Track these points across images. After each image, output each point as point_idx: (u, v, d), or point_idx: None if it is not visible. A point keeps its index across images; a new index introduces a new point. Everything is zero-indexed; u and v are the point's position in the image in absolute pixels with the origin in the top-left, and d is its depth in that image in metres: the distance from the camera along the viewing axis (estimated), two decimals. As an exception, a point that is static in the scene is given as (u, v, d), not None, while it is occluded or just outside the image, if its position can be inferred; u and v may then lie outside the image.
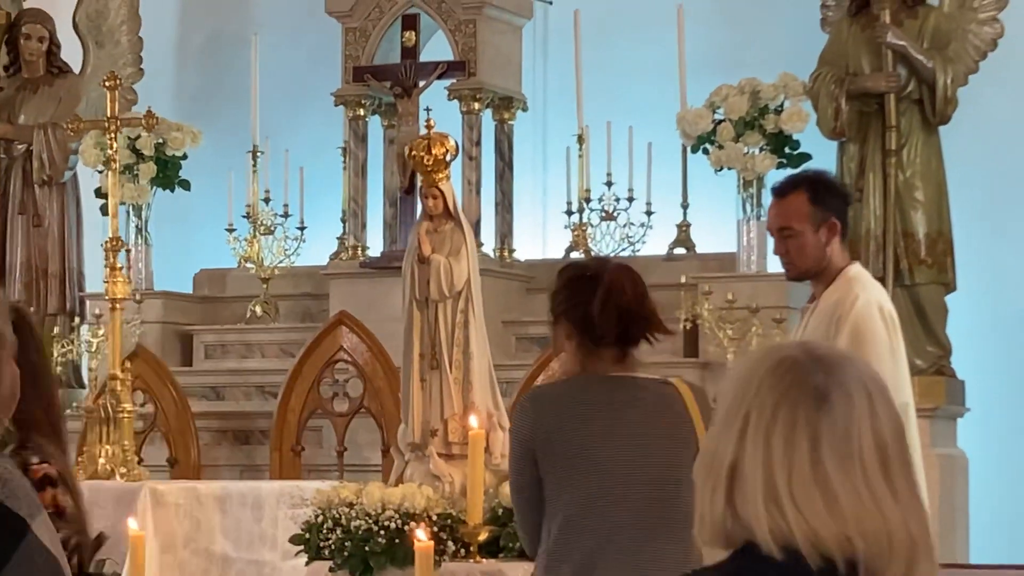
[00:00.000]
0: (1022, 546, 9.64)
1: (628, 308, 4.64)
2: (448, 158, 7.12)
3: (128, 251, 9.45)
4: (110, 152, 7.05)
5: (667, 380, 4.89)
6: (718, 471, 2.36)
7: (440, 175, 7.08)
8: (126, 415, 6.90)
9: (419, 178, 7.45)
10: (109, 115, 7.07)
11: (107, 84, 7.12)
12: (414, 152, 7.19)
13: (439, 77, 10.01)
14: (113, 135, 7.02)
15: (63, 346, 10.50)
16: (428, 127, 7.43)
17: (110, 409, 6.87)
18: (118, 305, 6.91)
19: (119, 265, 6.87)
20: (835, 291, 6.04)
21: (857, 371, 2.38)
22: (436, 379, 7.20)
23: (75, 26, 11.00)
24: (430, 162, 7.04)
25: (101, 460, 7.11)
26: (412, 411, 7.12)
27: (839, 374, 2.35)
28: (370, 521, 6.73)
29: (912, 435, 6.16)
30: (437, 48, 10.21)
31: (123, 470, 6.75)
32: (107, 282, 6.85)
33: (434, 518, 6.87)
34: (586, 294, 4.57)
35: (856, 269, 6.13)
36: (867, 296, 6.02)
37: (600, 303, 4.59)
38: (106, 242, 6.92)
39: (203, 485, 6.90)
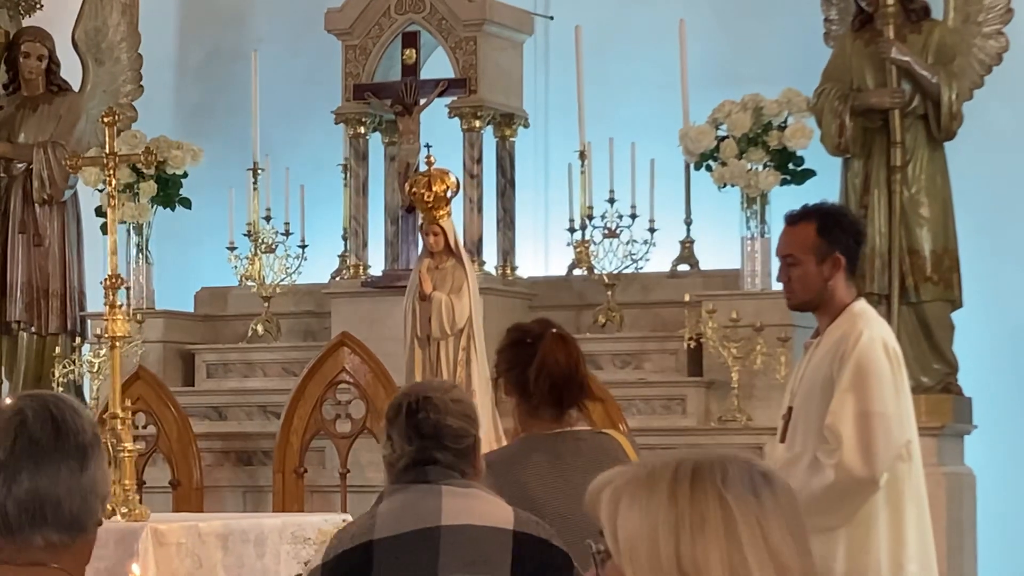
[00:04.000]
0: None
1: (561, 378, 4.98)
2: (449, 195, 7.10)
3: (128, 288, 9.41)
4: (109, 189, 7.02)
5: (603, 431, 5.27)
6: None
7: (441, 212, 7.06)
8: (127, 454, 6.85)
9: (420, 215, 7.43)
10: (108, 151, 7.03)
11: (106, 120, 7.07)
12: (415, 189, 7.16)
13: (440, 94, 9.97)
14: (112, 171, 6.98)
15: (64, 366, 10.49)
16: (429, 163, 7.39)
17: (111, 449, 6.83)
18: (118, 343, 6.87)
19: (119, 303, 6.83)
20: (839, 327, 6.04)
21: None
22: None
23: (74, 44, 10.96)
24: (431, 199, 7.02)
25: (100, 499, 7.07)
26: (413, 449, 7.10)
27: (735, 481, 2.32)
28: (371, 562, 6.70)
29: (916, 472, 6.14)
30: (437, 65, 10.17)
31: (124, 510, 6.71)
32: (107, 319, 6.82)
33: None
34: (524, 360, 4.91)
35: (861, 305, 6.12)
36: (871, 333, 6.01)
37: (535, 372, 4.94)
38: (105, 279, 6.89)
39: (204, 523, 6.85)
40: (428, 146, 8.84)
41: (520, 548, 4.10)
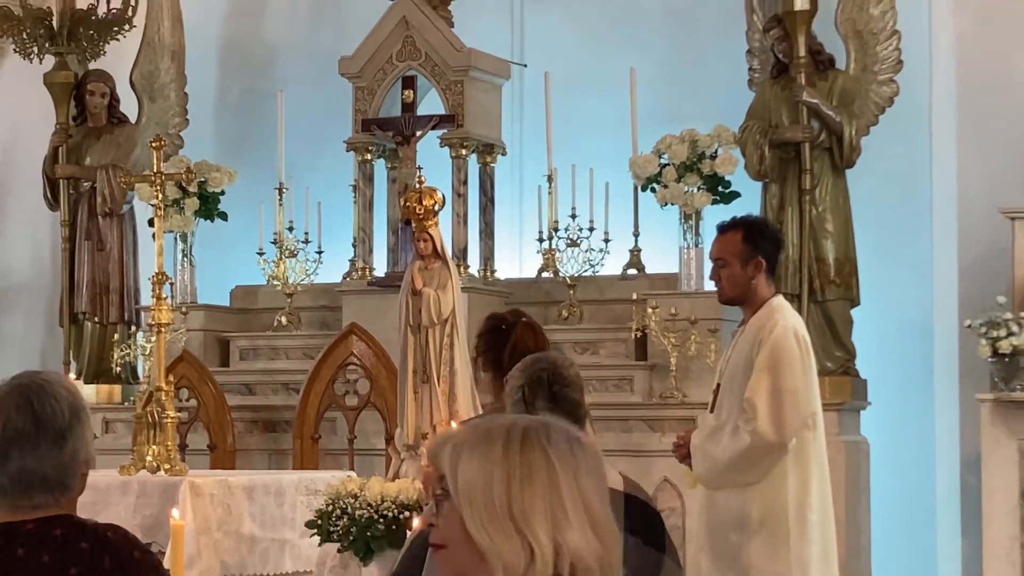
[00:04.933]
0: (914, 515, 9.63)
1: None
2: (436, 208, 7.08)
3: (172, 284, 9.39)
4: (156, 202, 6.99)
5: None
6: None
7: (430, 222, 7.04)
8: (169, 420, 6.84)
9: (412, 224, 7.40)
10: (155, 171, 7.01)
11: (154, 145, 7.06)
12: (408, 203, 7.14)
13: (433, 128, 9.96)
14: (159, 188, 6.95)
15: (122, 350, 10.46)
16: (419, 182, 7.37)
17: (156, 415, 6.81)
18: (163, 329, 6.85)
19: (164, 296, 6.81)
20: (759, 318, 6.07)
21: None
22: (427, 392, 7.16)
23: (131, 84, 10.94)
24: (422, 211, 7.00)
25: (148, 458, 7.05)
26: (407, 418, 7.09)
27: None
28: (371, 510, 6.68)
29: (819, 439, 6.13)
30: (431, 104, 10.16)
31: (167, 466, 6.69)
32: (153, 310, 6.79)
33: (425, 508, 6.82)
34: (500, 343, 4.93)
35: (779, 300, 6.14)
36: (785, 322, 6.05)
37: (508, 355, 4.95)
38: (153, 276, 6.87)
39: (233, 478, 6.83)
40: (420, 168, 8.82)
41: (630, 507, 4.07)
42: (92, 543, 3.08)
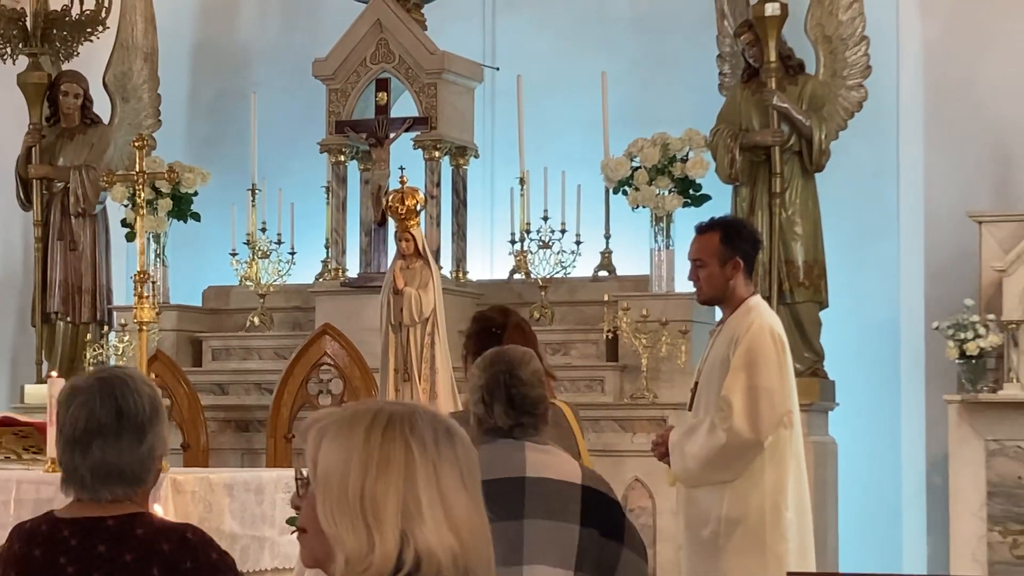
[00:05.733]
0: (880, 514, 9.70)
1: None
2: (418, 208, 7.09)
3: (154, 282, 9.36)
4: (139, 200, 6.97)
5: (552, 401, 5.11)
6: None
7: (412, 222, 7.05)
8: (151, 417, 6.81)
9: (392, 223, 7.40)
10: (138, 170, 6.99)
11: (136, 144, 7.03)
12: (390, 203, 7.14)
13: (406, 130, 9.96)
14: (141, 187, 6.93)
15: (94, 349, 10.42)
16: (402, 182, 7.37)
17: (137, 412, 6.78)
18: (144, 327, 6.84)
19: (146, 294, 6.80)
20: (737, 317, 6.08)
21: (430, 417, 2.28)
22: (408, 389, 7.18)
23: (105, 85, 10.90)
24: (403, 211, 7.01)
25: (129, 454, 7.04)
26: (387, 415, 7.09)
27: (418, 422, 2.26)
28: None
29: (796, 437, 6.16)
30: (405, 106, 10.16)
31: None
32: (136, 308, 6.78)
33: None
34: (491, 344, 4.85)
35: (756, 300, 6.15)
36: (761, 322, 6.05)
37: None
38: (135, 275, 6.85)
39: (214, 476, 6.82)
40: (402, 168, 8.82)
41: (587, 499, 4.08)
42: (173, 544, 3.13)
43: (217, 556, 3.18)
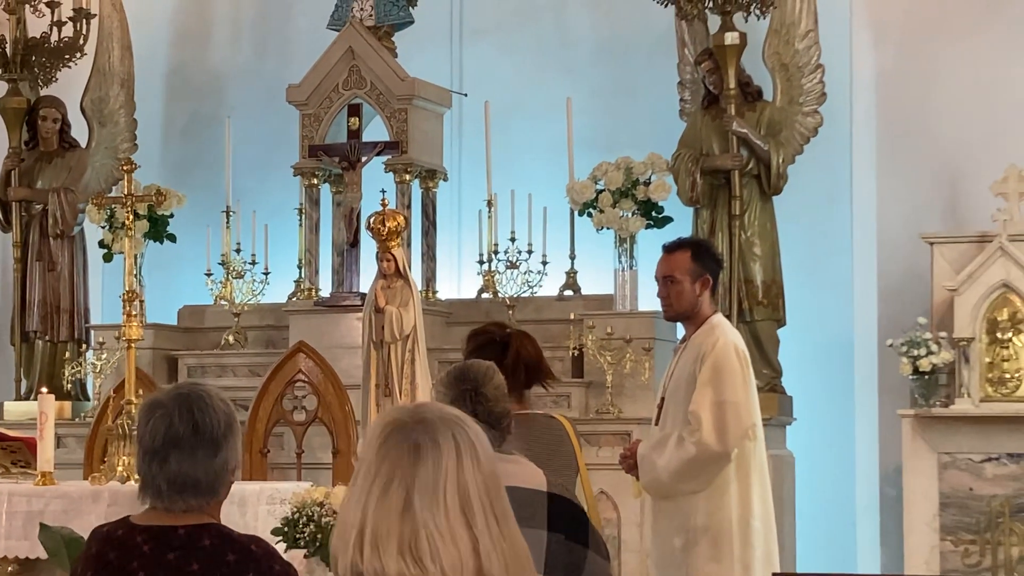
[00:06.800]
0: (835, 526, 9.85)
1: (530, 364, 5.19)
2: (400, 229, 7.22)
3: (142, 301, 9.47)
4: (127, 222, 7.10)
5: (551, 415, 5.39)
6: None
7: (393, 243, 7.18)
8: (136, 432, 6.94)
9: (369, 244, 7.52)
10: (126, 193, 7.12)
11: (125, 168, 7.16)
12: (372, 224, 7.27)
13: (378, 154, 10.08)
14: (130, 209, 7.06)
15: (73, 368, 10.52)
16: (383, 204, 7.51)
17: (127, 428, 6.92)
18: (132, 344, 6.96)
19: (134, 313, 6.93)
20: (701, 334, 6.19)
21: (452, 430, 2.28)
22: (388, 404, 7.29)
23: (82, 109, 11.01)
24: (385, 232, 7.14)
25: (119, 468, 7.18)
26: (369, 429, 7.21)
27: (434, 432, 2.27)
28: (336, 517, 6.81)
29: (760, 449, 6.33)
30: (376, 130, 10.29)
31: (137, 476, 6.77)
32: (124, 326, 6.91)
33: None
34: (498, 355, 4.96)
35: (719, 318, 6.29)
36: (726, 339, 6.18)
37: (512, 362, 5.08)
38: (123, 293, 6.98)
39: (201, 488, 6.97)
40: (384, 191, 8.95)
41: (552, 506, 4.17)
42: (238, 555, 3.22)
43: (280, 568, 3.26)
